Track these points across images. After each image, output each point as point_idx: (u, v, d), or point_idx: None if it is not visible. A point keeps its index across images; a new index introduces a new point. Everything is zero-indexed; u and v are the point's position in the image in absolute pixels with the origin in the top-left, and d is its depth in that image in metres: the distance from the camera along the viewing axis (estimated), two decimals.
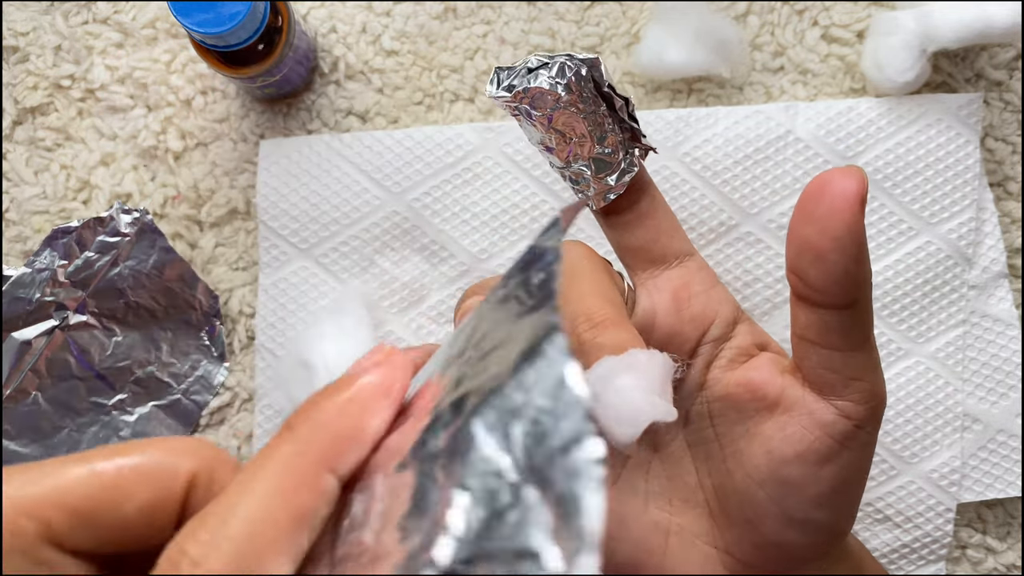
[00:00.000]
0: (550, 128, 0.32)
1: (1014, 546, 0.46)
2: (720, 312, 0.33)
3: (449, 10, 0.48)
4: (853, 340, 0.29)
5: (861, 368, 0.30)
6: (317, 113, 0.48)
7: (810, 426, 0.30)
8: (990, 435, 0.45)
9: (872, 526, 0.45)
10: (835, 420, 0.30)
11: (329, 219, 0.46)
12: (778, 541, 0.32)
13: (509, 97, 0.31)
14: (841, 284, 0.28)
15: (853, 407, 0.30)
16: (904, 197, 0.45)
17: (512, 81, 0.31)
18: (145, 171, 0.48)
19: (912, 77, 0.44)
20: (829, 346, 0.30)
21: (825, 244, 0.27)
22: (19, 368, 0.46)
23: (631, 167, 0.33)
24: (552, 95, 0.31)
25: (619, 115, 0.32)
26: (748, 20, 0.48)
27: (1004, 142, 0.47)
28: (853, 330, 0.29)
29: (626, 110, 0.32)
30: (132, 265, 0.47)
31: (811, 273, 0.28)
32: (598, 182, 0.33)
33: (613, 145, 0.32)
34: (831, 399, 0.31)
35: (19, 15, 0.49)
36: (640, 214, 0.34)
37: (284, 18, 0.42)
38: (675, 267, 0.34)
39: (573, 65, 0.31)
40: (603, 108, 0.32)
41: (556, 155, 0.33)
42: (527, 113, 0.31)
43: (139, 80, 0.48)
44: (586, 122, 0.31)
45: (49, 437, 0.46)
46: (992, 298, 0.46)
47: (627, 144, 0.33)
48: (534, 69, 0.31)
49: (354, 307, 0.45)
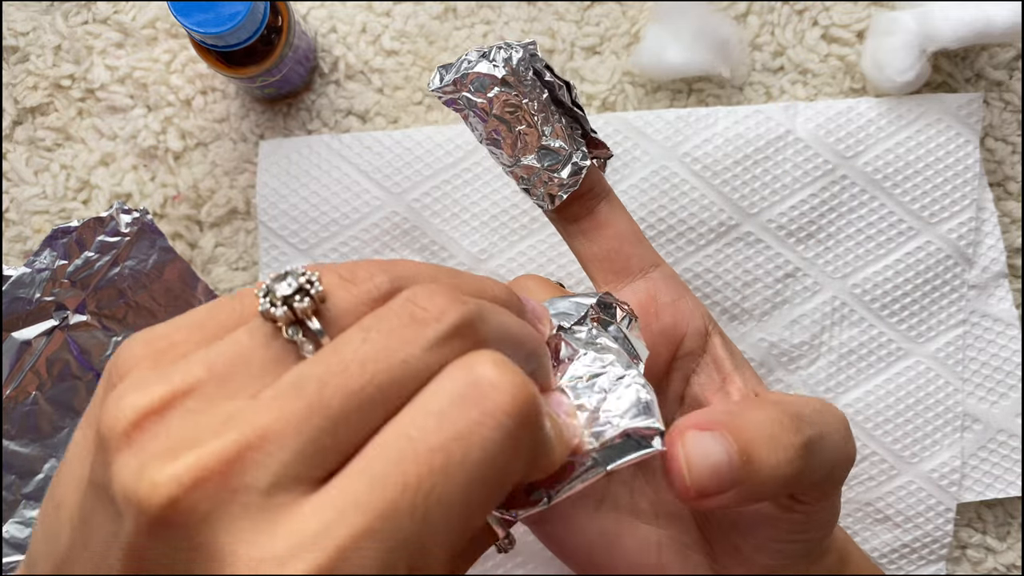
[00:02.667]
0: (491, 116, 0.31)
1: (1014, 546, 0.46)
2: (691, 324, 0.33)
3: (449, 10, 0.48)
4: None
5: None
6: (317, 113, 0.48)
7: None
8: (990, 435, 0.45)
9: (872, 526, 0.45)
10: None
11: (329, 219, 0.46)
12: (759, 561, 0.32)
13: (451, 88, 0.31)
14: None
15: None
16: (904, 197, 0.45)
17: (452, 75, 0.31)
18: (145, 171, 0.48)
19: (912, 77, 0.44)
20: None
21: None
22: (19, 368, 0.46)
23: (583, 160, 0.32)
24: (491, 78, 0.30)
25: (563, 103, 0.32)
26: (748, 20, 0.48)
27: (1004, 142, 0.47)
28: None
29: (569, 96, 0.32)
30: (132, 265, 0.46)
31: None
32: (549, 176, 0.32)
33: (561, 135, 0.32)
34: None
35: (19, 15, 0.49)
36: (599, 222, 0.33)
37: (284, 18, 0.42)
38: (640, 279, 0.33)
39: (508, 49, 0.31)
40: (545, 95, 0.31)
41: (504, 148, 0.32)
42: (468, 103, 0.31)
43: (139, 80, 0.48)
44: (529, 107, 0.31)
45: (49, 437, 0.46)
46: (992, 298, 0.46)
47: (576, 136, 0.33)
48: (473, 60, 0.31)
49: None
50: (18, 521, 0.45)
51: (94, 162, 0.48)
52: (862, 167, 0.45)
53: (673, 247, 0.46)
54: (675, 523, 0.34)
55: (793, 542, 0.31)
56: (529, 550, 0.45)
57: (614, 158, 0.46)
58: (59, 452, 0.46)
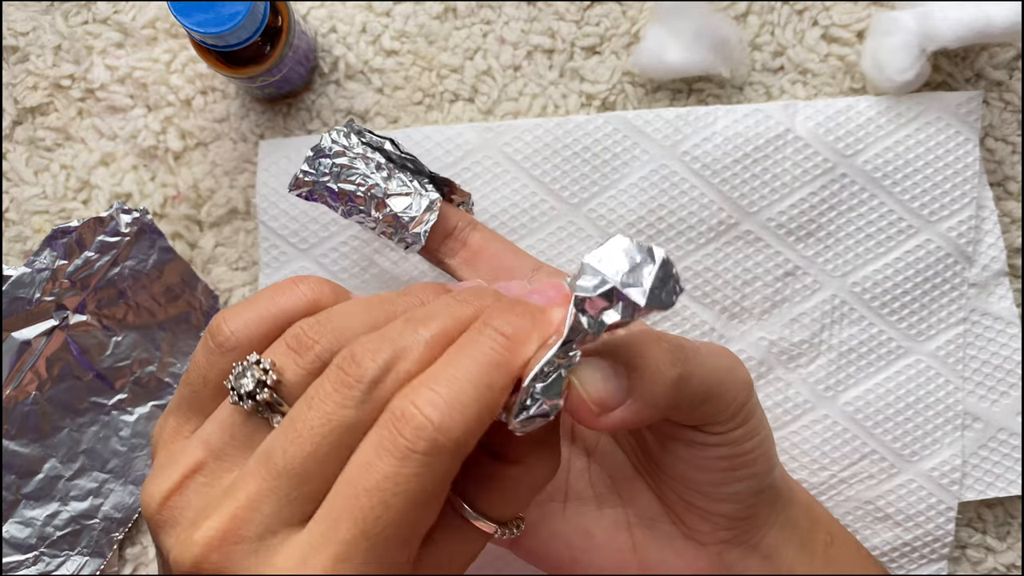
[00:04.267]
0: (339, 187, 0.37)
1: (1014, 546, 0.46)
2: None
3: (449, 10, 0.48)
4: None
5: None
6: (317, 113, 0.48)
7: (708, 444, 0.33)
8: (990, 434, 0.45)
9: (872, 524, 0.45)
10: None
11: (329, 219, 0.46)
12: (718, 512, 0.34)
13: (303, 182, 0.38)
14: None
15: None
16: (904, 195, 0.45)
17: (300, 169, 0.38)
18: (145, 171, 0.48)
19: (912, 77, 0.44)
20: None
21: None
22: (19, 368, 0.46)
23: (432, 194, 0.38)
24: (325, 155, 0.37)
25: (393, 157, 0.38)
26: (748, 20, 0.48)
27: (1004, 142, 0.47)
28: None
29: (396, 149, 0.38)
30: (132, 265, 0.47)
31: None
32: (408, 218, 0.37)
33: (404, 182, 0.38)
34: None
35: (19, 15, 0.49)
36: (475, 250, 0.38)
37: (284, 18, 0.42)
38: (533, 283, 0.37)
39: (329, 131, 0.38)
40: (377, 154, 0.38)
41: (364, 211, 0.37)
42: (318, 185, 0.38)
43: (139, 80, 0.48)
44: (366, 167, 0.37)
45: (49, 437, 0.46)
46: (992, 296, 0.46)
47: (421, 181, 0.38)
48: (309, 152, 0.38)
49: None
50: (18, 521, 0.45)
51: (94, 162, 0.48)
52: (861, 165, 0.45)
53: (673, 246, 0.46)
54: (637, 498, 0.36)
55: (738, 480, 0.33)
56: None
57: (613, 157, 0.46)
58: (59, 452, 0.46)
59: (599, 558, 0.36)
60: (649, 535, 0.36)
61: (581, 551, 0.36)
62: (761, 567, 0.36)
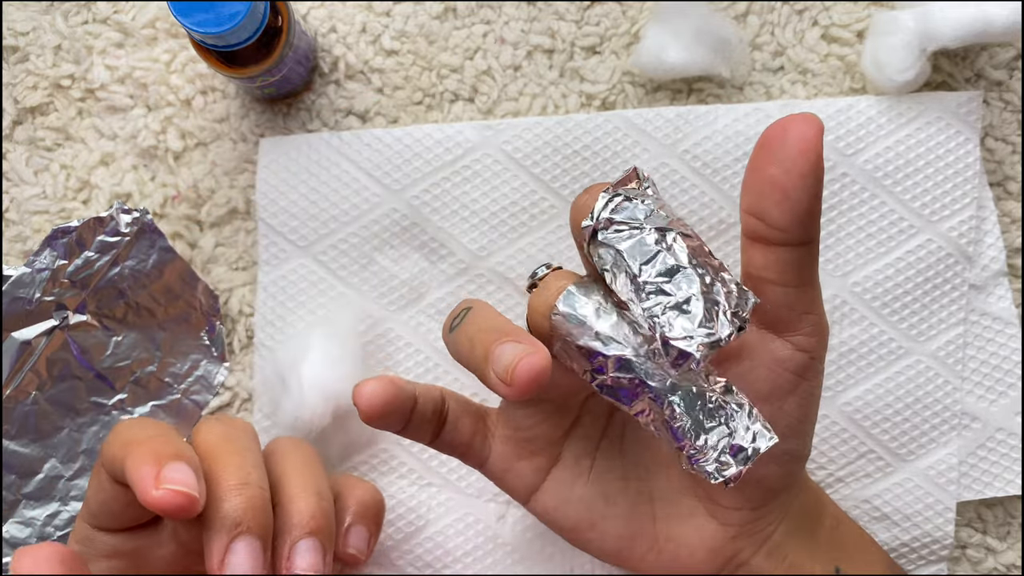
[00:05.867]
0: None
1: (1014, 546, 0.46)
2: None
3: (449, 10, 0.48)
4: (806, 275, 0.31)
5: (812, 302, 0.32)
6: (317, 113, 0.48)
7: (771, 365, 0.32)
8: (989, 433, 0.45)
9: (870, 524, 0.45)
10: (792, 355, 0.32)
11: (328, 216, 0.46)
12: (757, 477, 0.34)
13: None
14: (803, 222, 0.29)
15: (806, 339, 0.32)
16: (904, 195, 0.45)
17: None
18: (145, 171, 0.48)
19: (912, 77, 0.44)
20: (786, 283, 0.31)
21: (792, 183, 0.29)
22: (19, 368, 0.46)
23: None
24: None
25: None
26: (748, 20, 0.48)
27: (1004, 142, 0.47)
28: (808, 266, 0.31)
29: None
30: (132, 265, 0.47)
31: (775, 212, 0.29)
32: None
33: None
34: (786, 335, 0.32)
35: (19, 15, 0.49)
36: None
37: (284, 18, 0.42)
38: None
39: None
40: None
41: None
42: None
43: (139, 80, 0.48)
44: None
45: (49, 437, 0.46)
46: (992, 296, 0.46)
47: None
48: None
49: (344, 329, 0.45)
50: (18, 521, 0.45)
51: (94, 162, 0.48)
52: (862, 165, 0.45)
53: None
54: (663, 472, 0.37)
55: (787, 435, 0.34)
56: (528, 549, 0.45)
57: (613, 156, 0.46)
58: (59, 452, 0.46)
59: (617, 525, 0.36)
60: (671, 509, 0.37)
61: (601, 516, 0.36)
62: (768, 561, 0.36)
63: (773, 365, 0.32)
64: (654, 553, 0.37)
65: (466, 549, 0.45)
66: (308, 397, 0.42)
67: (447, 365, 0.46)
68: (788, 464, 0.35)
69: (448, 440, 0.36)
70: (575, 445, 0.37)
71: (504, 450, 0.37)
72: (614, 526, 0.36)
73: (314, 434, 0.43)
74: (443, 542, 0.45)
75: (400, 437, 0.46)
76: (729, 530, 0.36)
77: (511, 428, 0.36)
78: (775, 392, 0.33)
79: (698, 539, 0.36)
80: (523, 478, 0.37)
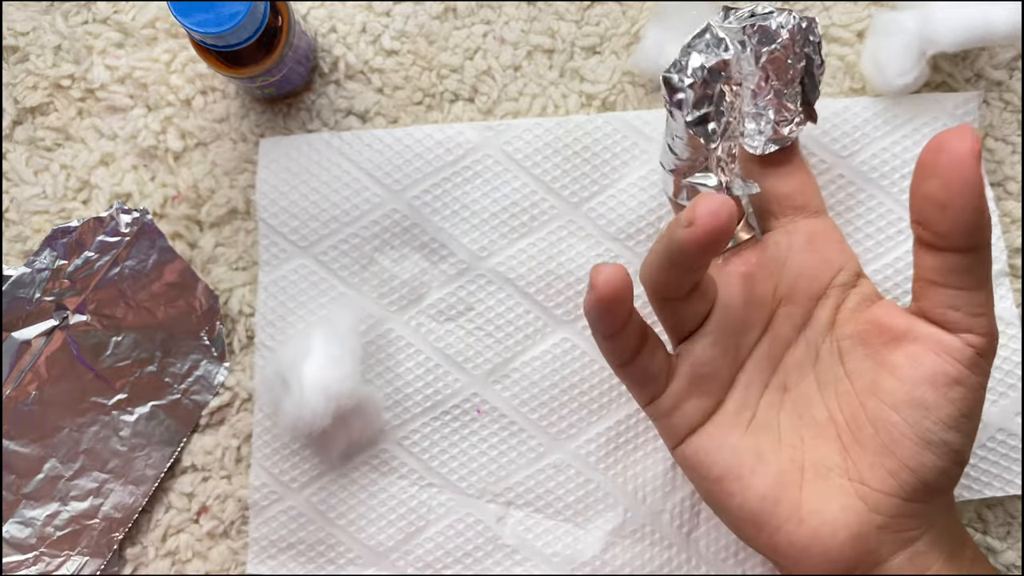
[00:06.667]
0: (760, 65, 0.38)
1: (1014, 546, 0.46)
2: (848, 263, 0.39)
3: (449, 10, 0.48)
4: (975, 280, 0.33)
5: (981, 305, 0.33)
6: (317, 113, 0.48)
7: (939, 351, 0.34)
8: (989, 433, 0.45)
9: None
10: (962, 347, 0.34)
11: (329, 217, 0.46)
12: (914, 465, 0.34)
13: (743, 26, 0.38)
14: (964, 229, 0.31)
15: (976, 338, 0.33)
16: (903, 195, 0.45)
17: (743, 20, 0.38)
18: (145, 171, 0.48)
19: (911, 80, 0.44)
20: (953, 286, 0.33)
21: (948, 195, 0.31)
22: (19, 368, 0.46)
23: (800, 123, 0.40)
24: (775, 35, 0.38)
25: (812, 75, 0.39)
26: None
27: (1004, 142, 0.47)
28: (976, 271, 0.33)
29: (815, 73, 0.39)
30: (132, 265, 0.47)
31: (936, 221, 0.32)
32: (776, 129, 0.40)
33: (795, 98, 0.39)
34: (955, 334, 0.34)
35: (19, 15, 0.49)
36: (793, 167, 0.41)
37: (284, 18, 0.42)
38: (812, 217, 0.40)
39: (795, 18, 0.38)
40: (803, 64, 0.39)
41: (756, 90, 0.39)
42: (745, 44, 0.38)
43: (139, 80, 0.48)
44: (790, 70, 0.38)
45: (49, 437, 0.46)
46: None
47: (801, 103, 0.40)
48: (762, 13, 0.38)
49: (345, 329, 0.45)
50: (18, 521, 0.45)
51: (94, 162, 0.48)
52: (859, 166, 0.45)
53: None
54: (819, 445, 0.37)
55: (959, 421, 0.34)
56: (529, 548, 0.45)
57: (613, 157, 0.46)
58: (59, 452, 0.46)
59: (765, 483, 0.36)
60: (821, 483, 0.36)
61: (750, 470, 0.36)
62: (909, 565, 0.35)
63: (941, 351, 0.34)
64: (794, 523, 0.35)
65: (466, 550, 0.45)
66: (309, 397, 0.42)
67: (448, 366, 0.46)
68: (945, 458, 0.34)
69: (643, 365, 0.36)
70: (738, 395, 0.38)
71: (677, 387, 0.37)
72: (762, 483, 0.36)
73: (315, 434, 0.43)
74: (443, 542, 0.45)
75: (401, 437, 0.46)
76: (876, 518, 0.35)
77: (688, 363, 0.37)
78: (940, 376, 0.34)
79: (843, 519, 0.35)
80: (687, 416, 0.37)
